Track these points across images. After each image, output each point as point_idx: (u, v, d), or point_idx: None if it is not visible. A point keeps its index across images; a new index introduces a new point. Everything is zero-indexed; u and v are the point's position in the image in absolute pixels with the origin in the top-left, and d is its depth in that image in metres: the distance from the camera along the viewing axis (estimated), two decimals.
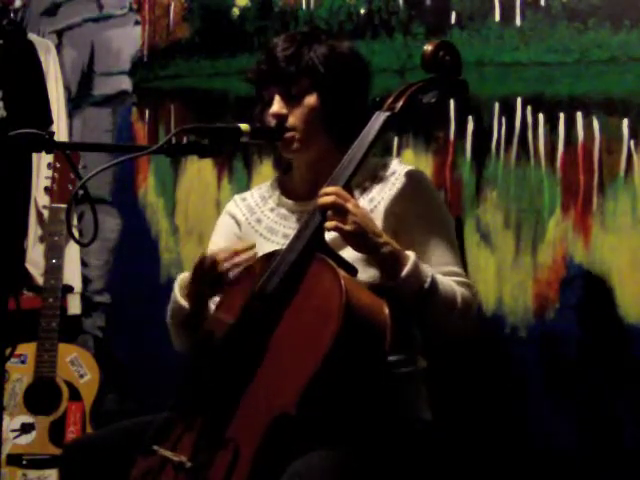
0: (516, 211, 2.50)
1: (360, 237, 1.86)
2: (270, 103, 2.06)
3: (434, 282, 1.90)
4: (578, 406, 2.39)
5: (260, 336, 1.82)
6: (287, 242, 1.97)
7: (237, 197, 2.28)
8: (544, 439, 2.41)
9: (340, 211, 1.84)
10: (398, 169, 2.08)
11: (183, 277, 2.08)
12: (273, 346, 1.81)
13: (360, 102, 2.09)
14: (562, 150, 2.44)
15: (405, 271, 1.87)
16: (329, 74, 2.04)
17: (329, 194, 1.86)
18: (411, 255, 1.90)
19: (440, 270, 1.97)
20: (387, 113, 1.98)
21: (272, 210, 2.19)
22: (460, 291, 1.96)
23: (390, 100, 2.01)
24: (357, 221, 1.84)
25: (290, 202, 2.17)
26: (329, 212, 1.85)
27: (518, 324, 2.48)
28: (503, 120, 2.52)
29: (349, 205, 1.85)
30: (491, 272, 2.48)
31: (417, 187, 2.05)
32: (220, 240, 2.20)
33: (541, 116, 2.47)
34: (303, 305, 1.81)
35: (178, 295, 2.07)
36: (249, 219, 2.20)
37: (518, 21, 2.51)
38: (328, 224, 1.86)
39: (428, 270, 1.91)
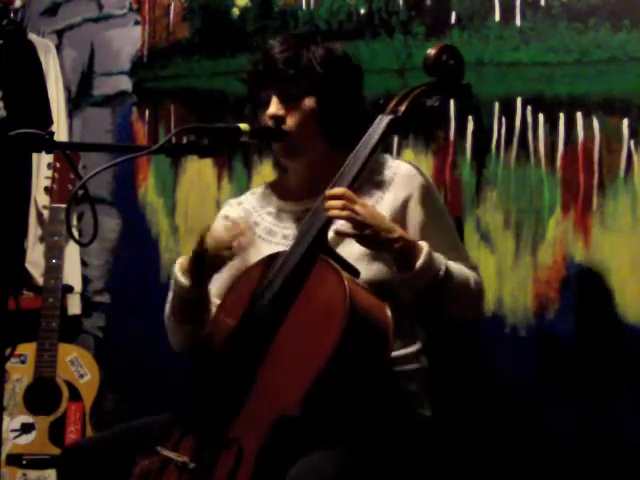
0: (516, 211, 2.50)
1: (373, 237, 1.86)
2: (266, 104, 2.05)
3: (448, 270, 1.93)
4: (578, 406, 2.39)
5: (263, 338, 1.82)
6: (287, 243, 1.96)
7: (232, 201, 2.27)
8: (543, 438, 2.41)
9: (350, 214, 1.83)
10: (393, 166, 2.09)
11: (182, 260, 2.03)
12: (276, 348, 1.81)
13: (356, 103, 2.10)
14: (562, 150, 2.43)
15: (419, 262, 1.88)
16: (327, 76, 2.04)
17: (336, 196, 1.86)
18: (424, 246, 1.91)
19: (447, 256, 1.98)
20: (390, 116, 1.97)
21: (269, 213, 2.18)
22: (472, 275, 2.01)
23: (393, 103, 2.00)
24: (368, 222, 1.84)
25: (287, 203, 2.16)
26: (336, 214, 1.84)
27: (518, 324, 2.48)
28: (503, 120, 2.52)
29: (357, 207, 1.85)
30: (491, 272, 2.48)
31: (414, 182, 2.06)
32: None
33: (541, 116, 2.47)
34: (306, 307, 1.81)
35: (180, 276, 2.01)
36: (247, 221, 2.19)
37: (518, 21, 2.51)
38: (339, 230, 1.86)
39: (441, 259, 1.93)
